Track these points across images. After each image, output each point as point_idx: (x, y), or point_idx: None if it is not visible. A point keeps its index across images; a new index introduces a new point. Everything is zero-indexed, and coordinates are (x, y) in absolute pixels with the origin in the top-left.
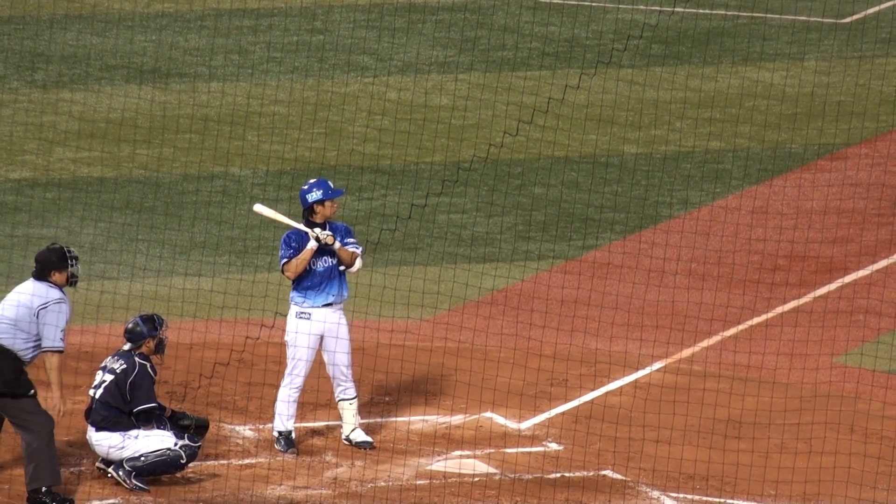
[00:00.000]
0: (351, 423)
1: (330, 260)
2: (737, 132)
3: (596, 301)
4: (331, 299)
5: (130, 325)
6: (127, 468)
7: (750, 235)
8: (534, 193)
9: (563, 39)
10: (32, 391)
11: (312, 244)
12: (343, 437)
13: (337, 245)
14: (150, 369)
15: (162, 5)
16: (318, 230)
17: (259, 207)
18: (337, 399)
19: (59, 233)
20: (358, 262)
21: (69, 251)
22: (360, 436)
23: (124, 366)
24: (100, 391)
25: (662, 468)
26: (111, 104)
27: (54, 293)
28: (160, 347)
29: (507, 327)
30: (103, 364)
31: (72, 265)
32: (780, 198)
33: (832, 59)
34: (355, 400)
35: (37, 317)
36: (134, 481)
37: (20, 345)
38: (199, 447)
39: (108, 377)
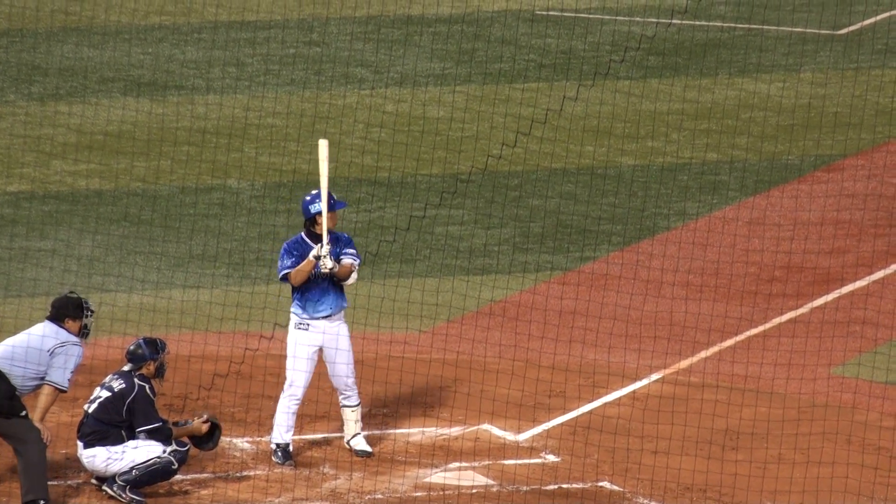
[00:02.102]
0: (352, 430)
1: (321, 276)
2: (733, 144)
3: (594, 312)
4: (329, 311)
5: (132, 347)
6: (120, 483)
7: (747, 247)
8: (531, 205)
9: (560, 51)
10: (24, 412)
11: (312, 258)
12: (345, 440)
13: (336, 269)
14: (148, 391)
15: (159, 18)
16: (319, 249)
17: (324, 146)
18: (340, 405)
19: (56, 245)
20: (353, 277)
21: (86, 303)
22: (360, 444)
23: (123, 385)
24: (94, 406)
25: (660, 479)
26: (108, 117)
27: (71, 336)
28: (160, 371)
29: (506, 339)
30: (103, 381)
31: (86, 316)
32: (777, 209)
33: (828, 70)
34: (358, 407)
35: (51, 355)
36: (130, 494)
37: (17, 381)
38: (188, 450)
39: (105, 394)
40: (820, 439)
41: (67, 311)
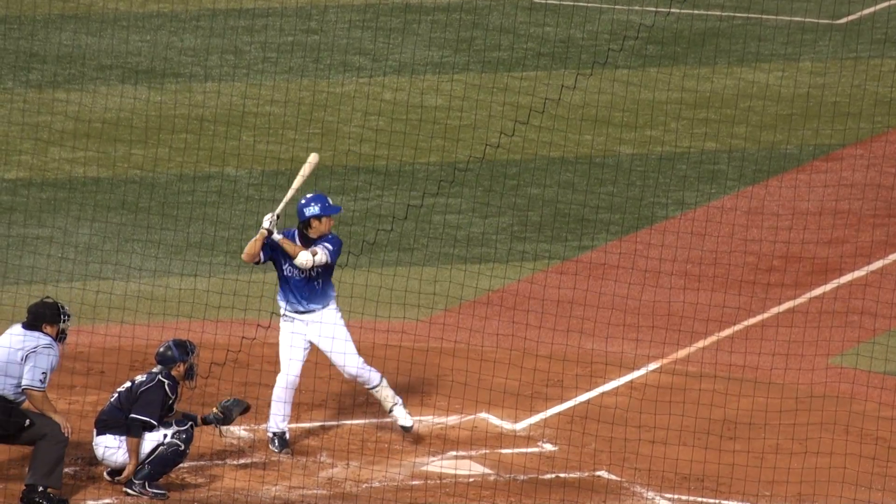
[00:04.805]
0: (389, 403)
1: (297, 272)
2: (732, 133)
3: (591, 301)
4: (301, 308)
5: (162, 349)
6: (138, 482)
7: (745, 236)
8: (529, 194)
9: (558, 40)
10: (28, 421)
11: (263, 229)
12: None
13: (277, 237)
14: (167, 387)
15: (157, 5)
16: (267, 217)
17: (313, 158)
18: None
19: (54, 233)
20: (304, 258)
21: (63, 308)
22: (400, 417)
23: (143, 378)
24: (115, 396)
25: (657, 469)
26: (106, 104)
27: (46, 338)
28: (190, 374)
29: (503, 328)
30: (133, 377)
31: (63, 321)
32: (776, 198)
33: (827, 59)
34: (380, 386)
35: (24, 360)
36: (150, 490)
37: (10, 390)
38: (191, 428)
39: (127, 384)
40: (818, 429)
41: (45, 317)
